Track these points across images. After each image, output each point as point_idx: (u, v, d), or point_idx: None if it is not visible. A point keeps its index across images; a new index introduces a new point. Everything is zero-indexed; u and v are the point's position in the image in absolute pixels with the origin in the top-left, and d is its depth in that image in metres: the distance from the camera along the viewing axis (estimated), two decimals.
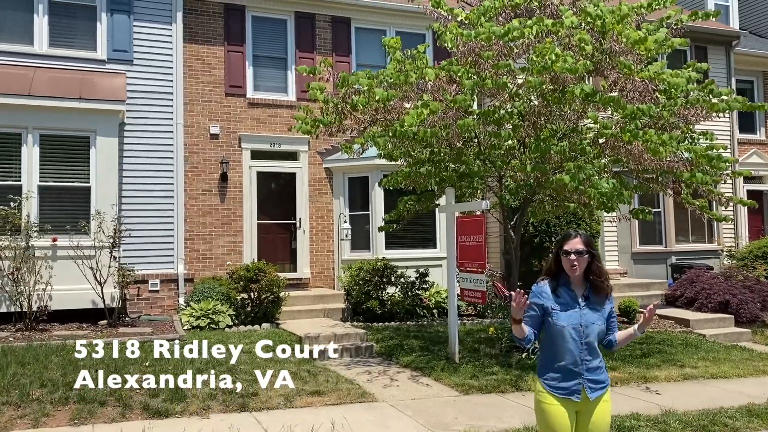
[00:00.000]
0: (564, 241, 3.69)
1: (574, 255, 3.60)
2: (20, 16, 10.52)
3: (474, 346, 9.15)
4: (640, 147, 7.64)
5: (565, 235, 3.73)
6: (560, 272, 3.71)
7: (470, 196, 9.39)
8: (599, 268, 3.67)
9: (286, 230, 12.92)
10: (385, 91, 7.20)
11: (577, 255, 3.60)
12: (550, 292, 3.67)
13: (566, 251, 3.63)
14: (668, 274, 14.64)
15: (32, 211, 9.66)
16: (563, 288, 3.68)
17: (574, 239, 3.65)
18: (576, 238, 3.66)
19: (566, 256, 3.62)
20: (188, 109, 12.09)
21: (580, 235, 3.67)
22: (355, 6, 13.43)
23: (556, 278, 3.72)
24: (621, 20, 7.18)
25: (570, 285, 3.68)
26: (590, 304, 3.65)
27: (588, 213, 10.17)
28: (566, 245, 3.65)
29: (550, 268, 3.77)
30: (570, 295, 3.65)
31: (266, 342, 8.36)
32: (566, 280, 3.68)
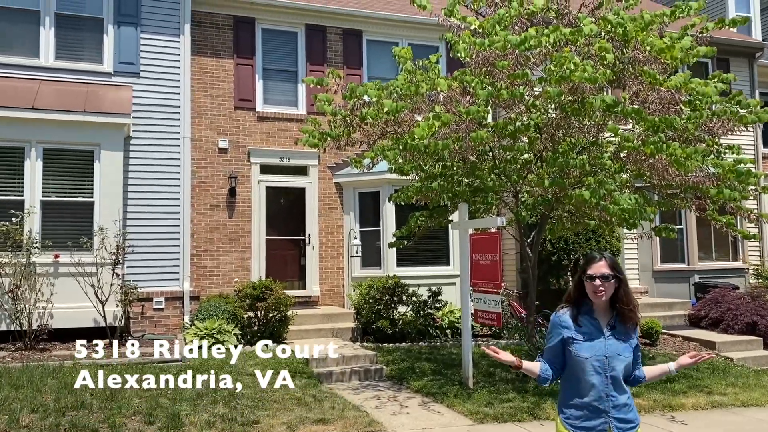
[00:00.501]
0: (587, 265, 3.31)
1: (600, 280, 3.22)
2: (27, 28, 10.37)
3: (489, 369, 8.72)
4: (664, 161, 7.24)
5: (589, 257, 3.36)
6: (582, 299, 3.34)
7: (484, 212, 9.01)
8: (627, 295, 3.29)
9: (295, 246, 12.60)
10: (394, 103, 6.87)
11: (603, 280, 3.22)
12: (570, 322, 3.30)
13: (590, 276, 3.25)
14: (691, 293, 14.09)
15: (34, 227, 9.42)
16: (586, 316, 3.31)
17: (599, 262, 3.28)
18: (601, 261, 3.28)
19: (590, 281, 3.25)
20: (196, 122, 11.87)
21: (606, 258, 3.30)
22: (366, 18, 13.19)
23: (577, 305, 3.34)
24: (645, 28, 6.81)
25: (593, 313, 3.31)
26: (616, 334, 3.27)
27: (609, 230, 9.73)
28: (590, 269, 3.27)
29: (570, 294, 3.40)
30: (593, 324, 3.28)
31: (272, 369, 8.05)
32: (589, 307, 3.31)
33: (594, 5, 8.51)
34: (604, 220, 8.22)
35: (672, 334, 11.84)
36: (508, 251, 13.42)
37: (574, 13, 8.28)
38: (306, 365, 8.73)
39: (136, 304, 10.26)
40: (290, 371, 8.29)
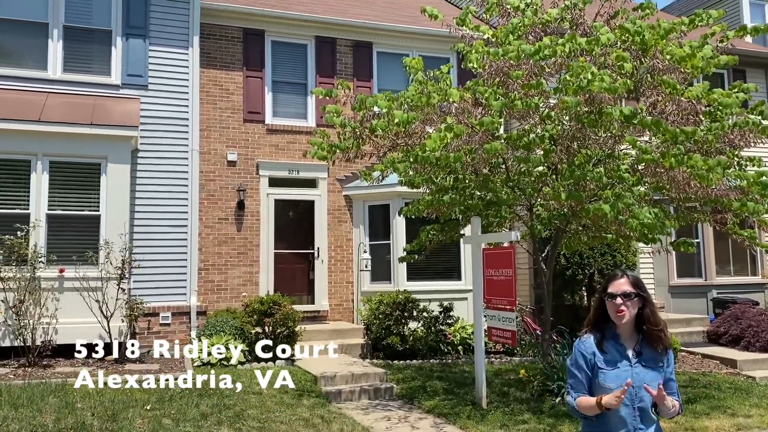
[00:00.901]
0: (608, 283, 3.09)
1: (621, 298, 2.99)
2: (35, 41, 10.31)
3: (503, 389, 8.45)
4: (685, 173, 6.99)
5: (610, 275, 3.14)
6: (605, 322, 3.09)
7: (498, 226, 8.78)
8: (653, 315, 3.04)
9: (303, 260, 12.41)
10: (405, 114, 6.68)
11: (625, 298, 2.99)
12: (594, 348, 3.06)
13: (611, 294, 3.03)
14: (709, 309, 13.75)
15: (40, 240, 9.28)
16: (610, 341, 3.06)
17: (619, 279, 3.06)
18: (622, 278, 3.06)
19: (611, 300, 3.02)
20: (205, 135, 11.75)
21: (627, 275, 3.07)
22: (376, 30, 13.07)
23: (601, 329, 3.10)
24: (664, 36, 6.59)
25: (618, 338, 3.06)
26: (643, 361, 3.02)
27: (625, 244, 9.47)
28: (611, 287, 3.05)
29: (592, 317, 3.16)
30: (618, 349, 3.04)
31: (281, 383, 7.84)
32: (613, 331, 3.07)
33: (609, 15, 8.32)
34: (623, 235, 7.96)
35: (691, 351, 11.50)
36: (520, 266, 13.15)
37: (588, 23, 8.09)
38: (314, 383, 8.49)
39: (143, 319, 10.08)
40: (298, 389, 8.08)
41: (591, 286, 12.33)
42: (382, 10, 14.49)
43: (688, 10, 16.04)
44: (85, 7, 10.61)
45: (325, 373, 8.72)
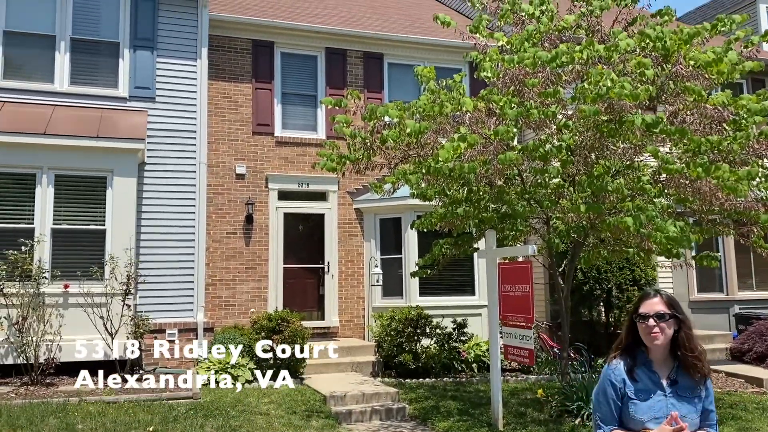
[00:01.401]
0: (640, 303, 2.80)
1: (654, 319, 2.71)
2: (41, 53, 10.19)
3: (519, 409, 8.11)
4: (711, 185, 6.68)
5: (642, 295, 2.85)
6: (637, 346, 2.80)
7: (513, 240, 8.49)
8: (690, 339, 2.74)
9: (313, 275, 12.15)
10: (417, 124, 6.43)
11: (658, 319, 2.71)
12: (624, 375, 2.76)
13: (642, 315, 2.74)
14: (731, 325, 13.31)
15: (44, 255, 9.09)
16: (642, 368, 2.76)
17: (652, 299, 2.77)
18: (655, 297, 2.77)
19: (643, 321, 2.73)
20: (213, 148, 11.57)
21: (661, 294, 2.78)
22: (387, 41, 12.88)
23: (632, 354, 2.80)
24: (688, 40, 6.32)
25: (651, 364, 2.76)
26: (679, 390, 2.72)
27: (646, 258, 9.13)
28: (642, 307, 2.76)
29: (622, 340, 2.86)
30: (652, 378, 2.74)
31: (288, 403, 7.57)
32: (645, 357, 2.77)
33: (627, 21, 8.07)
34: (644, 249, 7.64)
35: (714, 369, 11.07)
36: (536, 280, 12.79)
37: (606, 30, 7.83)
38: (324, 403, 8.20)
39: (149, 336, 9.83)
40: (307, 410, 7.79)
41: (609, 301, 11.97)
42: (393, 21, 14.32)
43: (703, 20, 15.69)
44: (93, 19, 10.50)
45: (335, 393, 8.43)
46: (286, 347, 9.31)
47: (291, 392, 8.62)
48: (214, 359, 9.37)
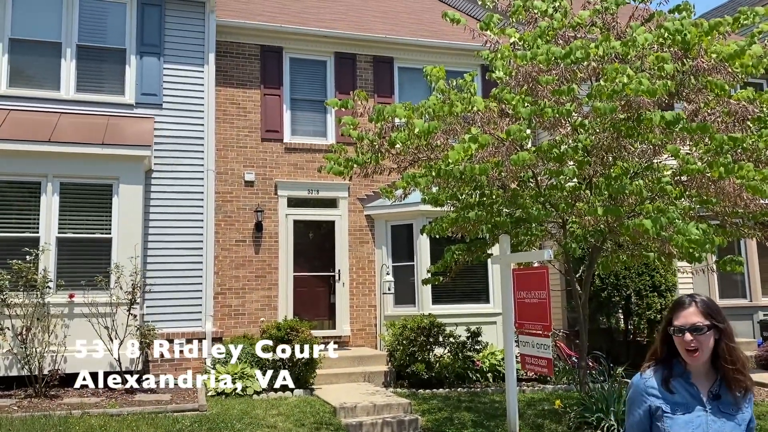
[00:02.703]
0: (673, 313, 2.49)
1: (691, 333, 2.41)
2: (47, 61, 10.11)
3: (536, 421, 7.79)
4: (735, 185, 6.36)
5: (676, 303, 2.52)
6: (672, 357, 2.51)
7: (528, 245, 8.19)
8: (731, 351, 2.44)
9: (324, 283, 11.92)
10: (426, 123, 6.19)
11: (695, 333, 2.41)
12: (658, 387, 2.48)
13: (678, 328, 2.44)
14: (756, 331, 12.90)
15: (49, 265, 8.95)
16: (679, 380, 2.48)
17: (687, 309, 2.47)
18: (691, 306, 2.46)
19: (679, 335, 2.43)
20: (221, 154, 11.42)
21: (697, 302, 2.47)
22: (397, 45, 12.69)
23: (668, 365, 2.51)
24: (709, 32, 6.03)
25: (689, 376, 2.47)
26: (721, 406, 2.43)
27: (667, 263, 8.80)
28: (676, 318, 2.46)
29: (656, 351, 2.56)
30: (690, 391, 2.46)
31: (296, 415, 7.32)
32: (682, 368, 2.48)
33: (643, 18, 7.78)
34: (665, 253, 7.32)
35: None
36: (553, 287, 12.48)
37: (621, 27, 7.55)
38: (333, 415, 7.94)
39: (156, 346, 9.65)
40: (316, 422, 7.54)
41: (628, 308, 11.62)
42: (403, 25, 14.13)
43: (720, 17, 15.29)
44: (99, 26, 10.41)
45: (345, 404, 8.17)
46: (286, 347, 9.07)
47: (300, 403, 8.38)
48: (222, 369, 9.16)
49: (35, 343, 8.43)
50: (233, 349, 9.34)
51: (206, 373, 9.66)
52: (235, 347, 9.29)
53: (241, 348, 9.51)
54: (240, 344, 9.79)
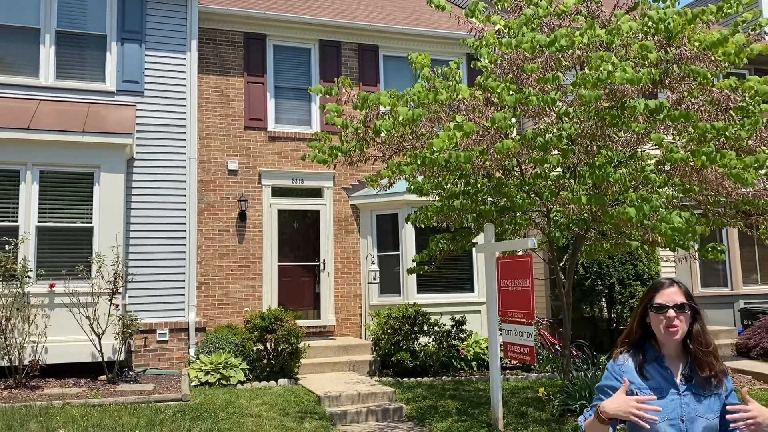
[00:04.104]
0: (655, 292, 2.52)
1: (674, 310, 2.43)
2: (26, 47, 9.92)
3: (520, 408, 7.83)
4: (717, 173, 6.40)
5: (655, 284, 2.56)
6: (646, 340, 2.54)
7: (512, 234, 8.21)
8: (704, 334, 2.49)
9: (309, 273, 11.87)
10: (410, 111, 6.15)
11: (678, 311, 2.43)
12: (634, 371, 2.49)
13: (660, 306, 2.46)
14: (736, 320, 13.04)
15: (29, 254, 8.82)
16: (653, 365, 2.50)
17: (669, 288, 2.50)
18: (673, 287, 2.50)
19: (660, 312, 2.45)
20: (204, 143, 11.30)
21: (678, 284, 2.51)
22: (383, 33, 12.61)
23: (641, 350, 2.53)
24: (692, 20, 6.04)
25: (663, 359, 2.49)
26: (694, 389, 2.45)
27: (651, 252, 8.85)
28: (659, 297, 2.49)
29: (630, 332, 2.59)
30: (664, 375, 2.48)
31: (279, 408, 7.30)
32: (656, 352, 2.51)
33: (628, 7, 7.78)
34: (649, 241, 7.36)
35: None
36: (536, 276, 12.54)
37: (606, 15, 7.54)
38: (318, 404, 7.93)
39: (139, 336, 9.58)
40: (300, 411, 7.52)
41: (611, 297, 11.70)
42: (388, 13, 14.04)
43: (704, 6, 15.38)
44: (79, 11, 10.22)
45: (330, 393, 8.16)
46: (280, 344, 9.09)
47: (284, 393, 8.36)
48: (206, 359, 9.11)
49: (15, 333, 8.31)
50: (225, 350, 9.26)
51: (190, 363, 9.61)
52: (227, 347, 9.23)
53: (224, 338, 9.49)
54: (224, 334, 9.76)
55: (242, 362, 9.19)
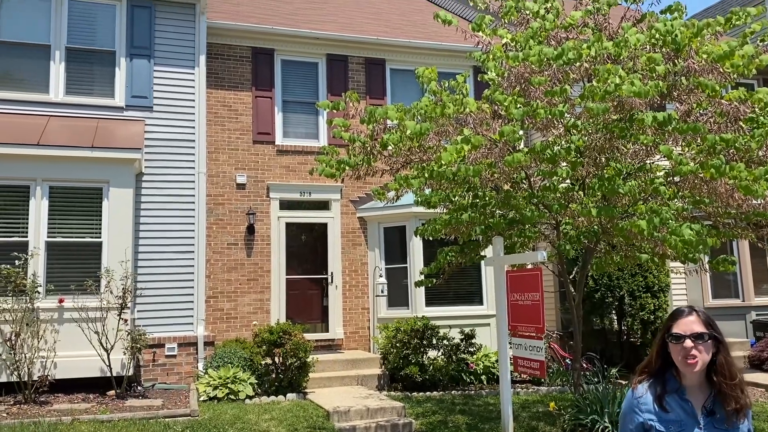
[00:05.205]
0: (673, 321, 2.45)
1: (691, 340, 2.36)
2: (36, 64, 10.01)
3: (531, 423, 7.76)
4: (727, 185, 6.35)
5: (675, 312, 2.49)
6: (666, 370, 2.46)
7: (521, 246, 8.16)
8: (729, 365, 2.40)
9: (317, 286, 11.86)
10: (418, 125, 6.15)
11: (696, 341, 2.36)
12: (652, 404, 2.43)
13: (677, 335, 2.39)
14: (749, 331, 12.92)
15: (38, 269, 8.85)
16: (673, 396, 2.43)
17: (687, 317, 2.42)
18: (691, 315, 2.43)
19: (677, 342, 2.38)
20: (213, 157, 11.34)
21: (697, 312, 2.44)
22: (389, 46, 12.65)
23: (661, 380, 2.46)
24: (697, 33, 6.02)
25: (684, 391, 2.42)
26: (716, 423, 2.38)
27: (661, 264, 8.79)
28: (676, 326, 2.41)
29: (650, 362, 2.51)
30: (684, 407, 2.41)
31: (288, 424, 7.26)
32: (676, 383, 2.44)
33: (635, 18, 7.78)
34: (659, 254, 7.30)
35: None
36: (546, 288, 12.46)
37: (614, 28, 7.54)
38: (327, 419, 7.88)
39: (148, 351, 9.58)
40: (309, 426, 7.48)
41: (621, 309, 11.61)
42: (395, 27, 14.10)
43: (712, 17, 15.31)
44: (88, 28, 10.32)
45: (338, 408, 8.11)
46: (288, 360, 9.07)
47: (293, 407, 8.32)
48: (214, 374, 9.09)
49: (24, 348, 8.33)
50: (225, 353, 9.29)
51: (198, 377, 9.59)
52: (235, 362, 9.21)
53: (233, 352, 9.48)
54: (232, 348, 9.74)
55: (251, 377, 9.17)
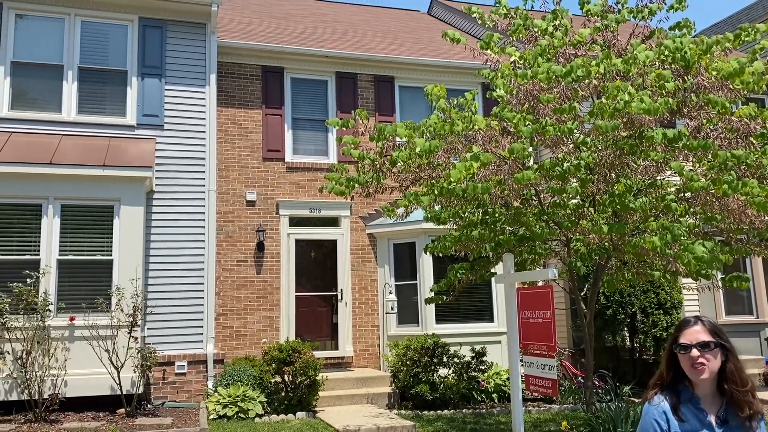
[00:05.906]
0: (679, 331, 2.48)
1: (697, 349, 2.38)
2: (49, 84, 10.14)
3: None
4: (739, 201, 6.31)
5: (681, 322, 2.53)
6: (679, 380, 2.47)
7: (532, 263, 8.12)
8: (739, 372, 2.41)
9: (326, 303, 11.83)
10: (427, 142, 6.16)
11: (703, 349, 2.38)
12: (669, 414, 2.42)
13: (684, 345, 2.42)
14: (763, 349, 12.74)
15: (50, 287, 8.89)
16: (688, 406, 2.43)
17: (693, 326, 2.45)
18: (697, 324, 2.46)
19: (684, 352, 2.41)
20: (223, 174, 11.40)
21: (703, 321, 2.47)
22: (398, 64, 12.72)
23: (675, 390, 2.47)
24: (707, 50, 6.02)
25: (698, 401, 2.42)
26: (729, 430, 2.38)
27: (673, 281, 8.71)
28: (683, 336, 2.45)
29: (661, 375, 2.53)
30: (699, 417, 2.41)
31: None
32: (690, 393, 2.44)
33: (644, 35, 7.79)
34: (671, 271, 7.24)
35: None
36: (557, 305, 12.37)
37: (622, 45, 7.55)
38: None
39: (158, 369, 9.57)
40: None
41: (633, 326, 11.50)
42: (403, 44, 14.19)
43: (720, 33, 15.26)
44: (101, 48, 10.45)
45: (348, 427, 8.05)
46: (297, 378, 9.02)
47: (302, 426, 8.27)
48: (224, 392, 9.06)
49: (35, 366, 8.35)
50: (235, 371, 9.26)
51: (208, 395, 9.57)
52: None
53: (242, 370, 9.45)
54: (242, 366, 9.72)
55: (260, 395, 9.14)
